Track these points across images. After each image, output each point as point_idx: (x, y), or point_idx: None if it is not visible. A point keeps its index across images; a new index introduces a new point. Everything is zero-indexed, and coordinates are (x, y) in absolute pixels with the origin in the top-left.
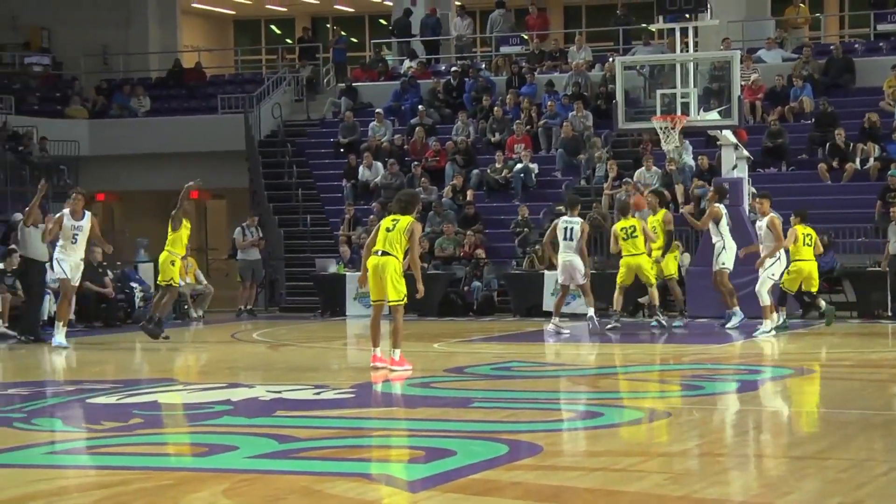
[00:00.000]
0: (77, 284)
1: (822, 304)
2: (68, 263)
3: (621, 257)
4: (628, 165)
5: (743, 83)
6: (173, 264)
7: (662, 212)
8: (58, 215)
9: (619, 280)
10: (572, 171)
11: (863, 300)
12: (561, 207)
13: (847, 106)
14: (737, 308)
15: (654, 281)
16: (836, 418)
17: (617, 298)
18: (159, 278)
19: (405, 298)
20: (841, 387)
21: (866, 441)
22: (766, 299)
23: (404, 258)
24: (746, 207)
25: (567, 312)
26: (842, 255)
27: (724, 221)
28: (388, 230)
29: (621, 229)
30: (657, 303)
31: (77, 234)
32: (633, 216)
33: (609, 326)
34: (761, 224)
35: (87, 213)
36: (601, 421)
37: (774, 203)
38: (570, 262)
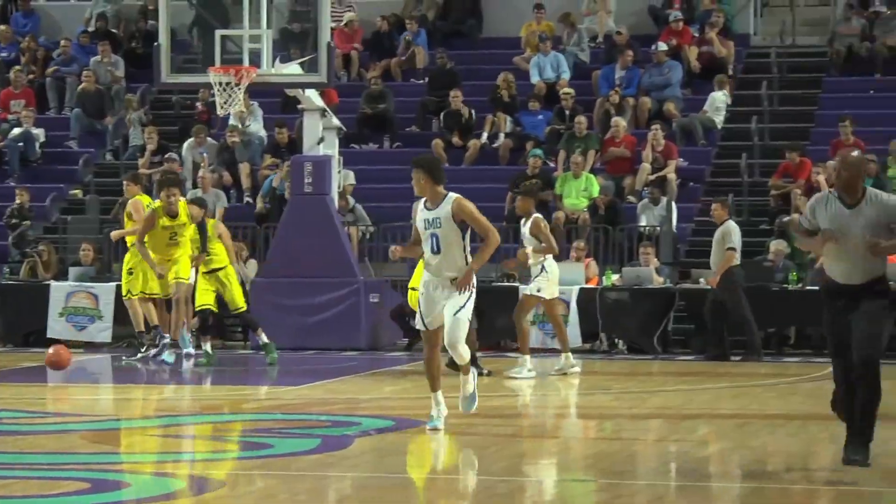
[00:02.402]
0: None
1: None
2: None
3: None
4: (173, 135)
5: (334, 25)
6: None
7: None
8: None
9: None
10: (94, 141)
11: (484, 325)
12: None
13: (473, 62)
14: None
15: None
16: (450, 486)
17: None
18: None
19: None
20: (457, 444)
21: None
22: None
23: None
24: (336, 197)
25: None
26: None
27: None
28: None
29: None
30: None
31: None
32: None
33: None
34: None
35: None
36: (117, 496)
37: (362, 192)
38: None
